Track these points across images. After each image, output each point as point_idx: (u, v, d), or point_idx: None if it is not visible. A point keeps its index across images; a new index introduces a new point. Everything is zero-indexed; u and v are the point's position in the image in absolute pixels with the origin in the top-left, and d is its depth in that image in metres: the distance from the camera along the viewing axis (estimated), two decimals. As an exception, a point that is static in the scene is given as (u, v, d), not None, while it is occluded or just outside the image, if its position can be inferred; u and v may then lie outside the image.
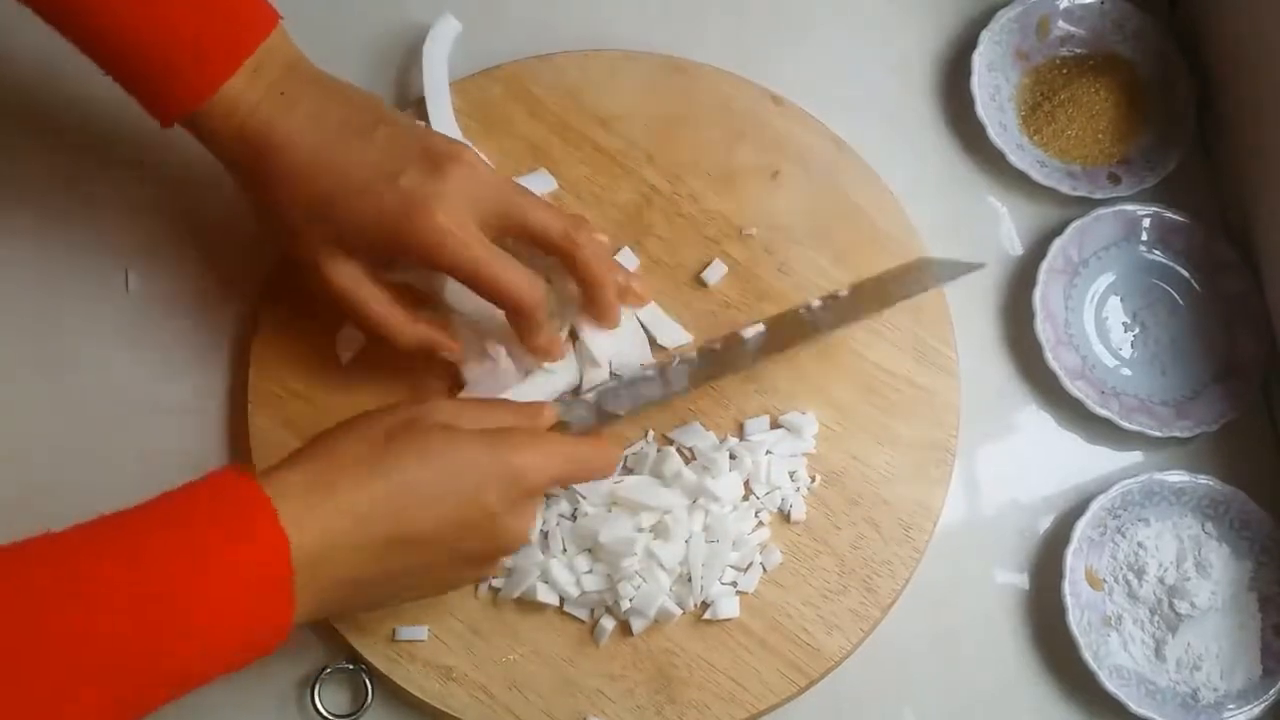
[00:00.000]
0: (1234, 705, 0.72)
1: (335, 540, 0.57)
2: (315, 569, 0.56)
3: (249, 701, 0.70)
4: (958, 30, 0.86)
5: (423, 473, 0.60)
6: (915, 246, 0.78)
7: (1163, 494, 0.75)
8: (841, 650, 0.70)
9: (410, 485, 0.59)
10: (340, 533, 0.57)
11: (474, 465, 0.61)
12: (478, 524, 0.61)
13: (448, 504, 0.60)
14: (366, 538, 0.58)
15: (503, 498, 0.61)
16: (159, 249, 0.78)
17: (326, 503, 0.57)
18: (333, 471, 0.59)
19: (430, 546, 0.60)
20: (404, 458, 0.60)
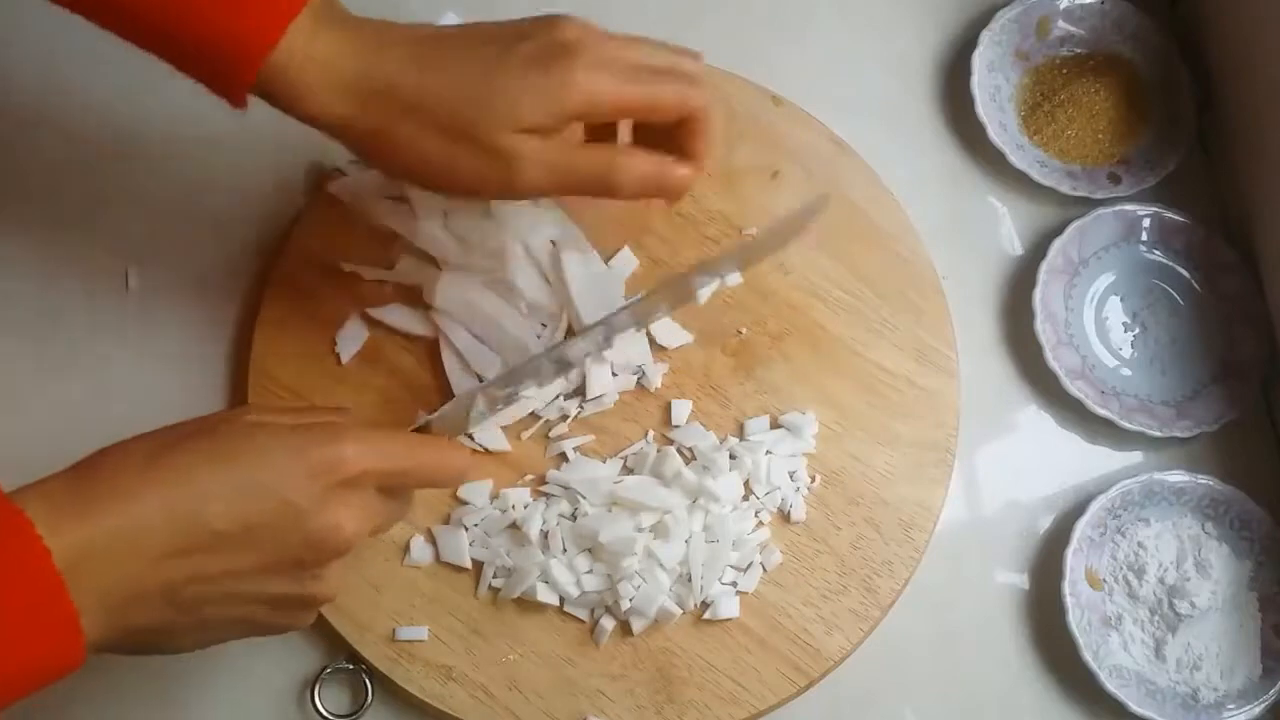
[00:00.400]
0: (1234, 705, 0.72)
1: (107, 535, 0.51)
2: (93, 571, 0.50)
3: (249, 701, 0.70)
4: (958, 30, 0.86)
5: (211, 466, 0.54)
6: (915, 246, 0.78)
7: (1163, 494, 0.75)
8: (841, 650, 0.70)
9: (197, 475, 0.53)
10: (113, 528, 0.51)
11: (271, 457, 0.55)
12: (279, 522, 0.54)
13: (241, 496, 0.53)
14: (146, 533, 0.52)
15: (307, 488, 0.54)
16: (159, 249, 0.78)
17: (94, 499, 0.51)
18: (103, 469, 0.53)
19: (229, 550, 0.54)
20: (192, 446, 0.54)
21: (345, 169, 0.78)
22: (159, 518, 0.52)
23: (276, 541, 0.55)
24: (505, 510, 0.71)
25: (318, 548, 0.56)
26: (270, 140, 0.80)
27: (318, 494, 0.55)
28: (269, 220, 0.79)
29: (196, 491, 0.53)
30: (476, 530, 0.71)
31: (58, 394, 0.75)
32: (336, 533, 0.56)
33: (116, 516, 0.52)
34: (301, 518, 0.55)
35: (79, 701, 0.70)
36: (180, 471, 0.53)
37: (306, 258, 0.76)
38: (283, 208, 0.79)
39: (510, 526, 0.71)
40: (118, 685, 0.70)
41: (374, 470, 0.57)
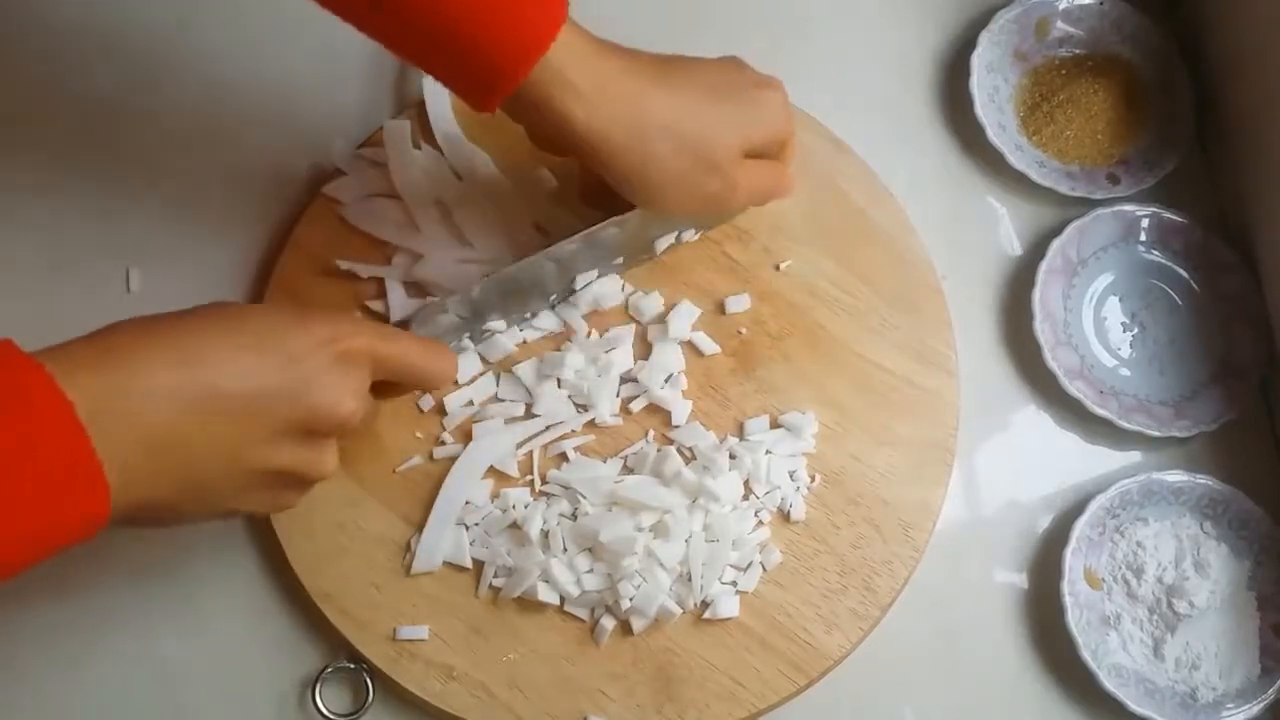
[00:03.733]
0: (1232, 704, 0.72)
1: (121, 389, 0.53)
2: (109, 424, 0.52)
3: (249, 701, 0.70)
4: (957, 31, 0.86)
5: (225, 328, 0.56)
6: (915, 246, 0.79)
7: (1161, 494, 0.75)
8: (841, 649, 0.70)
9: (210, 338, 0.56)
10: (127, 383, 0.53)
11: (280, 324, 0.58)
12: (287, 386, 0.57)
13: (252, 360, 0.56)
14: (160, 388, 0.53)
15: (315, 355, 0.57)
16: (159, 249, 0.78)
17: (108, 357, 0.53)
18: (118, 334, 0.55)
19: (239, 409, 0.56)
20: (201, 317, 0.57)
21: (344, 168, 0.78)
22: (172, 377, 0.54)
23: (283, 408, 0.57)
24: (506, 510, 0.71)
25: (322, 418, 0.58)
26: (270, 140, 0.81)
27: (322, 363, 0.58)
28: (269, 220, 0.79)
29: (207, 353, 0.55)
30: (477, 530, 0.71)
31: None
32: (340, 403, 0.58)
33: (129, 373, 0.53)
34: (307, 384, 0.57)
35: (79, 701, 0.70)
36: (188, 337, 0.55)
37: (306, 258, 0.76)
38: (283, 208, 0.79)
39: (511, 526, 0.71)
40: (117, 685, 0.70)
41: (373, 348, 0.60)
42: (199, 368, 0.55)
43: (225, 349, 0.56)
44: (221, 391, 0.55)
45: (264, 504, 0.61)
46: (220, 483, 0.58)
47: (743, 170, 0.70)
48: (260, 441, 0.57)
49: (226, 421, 0.56)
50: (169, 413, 0.54)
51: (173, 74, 0.82)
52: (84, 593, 0.71)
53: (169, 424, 0.54)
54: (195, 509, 0.59)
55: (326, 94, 0.82)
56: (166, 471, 0.55)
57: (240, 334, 0.56)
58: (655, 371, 0.74)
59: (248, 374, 0.56)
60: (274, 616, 0.71)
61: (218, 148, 0.80)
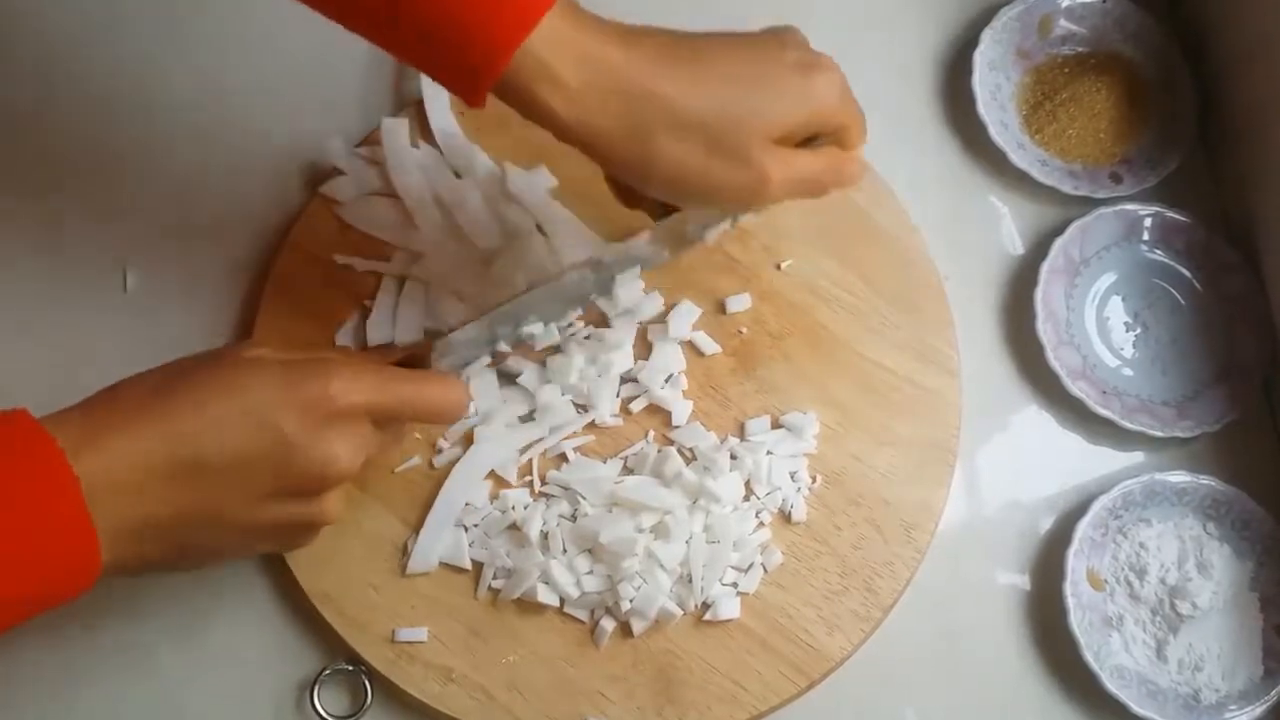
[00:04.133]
0: (1235, 706, 0.72)
1: (118, 464, 0.54)
2: (106, 500, 0.54)
3: (249, 702, 0.70)
4: (959, 29, 0.86)
5: (211, 395, 0.56)
6: (916, 246, 0.78)
7: (1164, 494, 0.75)
8: (842, 651, 0.70)
9: (196, 409, 0.56)
10: (123, 461, 0.54)
11: (266, 387, 0.57)
12: (273, 454, 0.57)
13: (236, 431, 0.56)
14: (152, 462, 0.55)
15: (301, 420, 0.57)
16: (159, 249, 0.78)
17: (106, 433, 0.55)
18: (115, 402, 0.57)
19: (226, 479, 0.56)
20: (193, 382, 0.57)
21: (342, 167, 0.78)
22: (163, 450, 0.55)
23: (272, 473, 0.57)
24: (505, 511, 0.71)
25: (315, 478, 0.58)
26: (269, 140, 0.81)
27: (311, 426, 0.57)
28: (268, 220, 0.79)
29: (195, 425, 0.56)
30: (476, 531, 0.71)
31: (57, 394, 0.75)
32: (333, 464, 0.58)
33: (127, 449, 0.55)
34: (296, 450, 0.57)
35: (78, 701, 0.70)
36: (177, 406, 0.56)
37: (306, 257, 0.76)
38: (282, 207, 0.79)
39: (510, 527, 0.70)
40: (118, 684, 0.70)
41: (365, 402, 0.59)
42: (186, 440, 0.56)
43: (210, 419, 0.56)
44: (207, 465, 0.56)
45: (267, 550, 0.65)
46: (213, 543, 0.60)
47: (775, 160, 0.63)
48: (249, 506, 0.58)
49: (214, 490, 0.57)
50: (159, 489, 0.55)
51: (171, 74, 0.82)
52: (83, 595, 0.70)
53: (159, 499, 0.56)
54: (192, 562, 0.61)
55: (325, 93, 0.82)
56: (158, 540, 0.57)
57: (228, 400, 0.57)
58: (655, 371, 0.74)
59: (233, 444, 0.56)
60: (272, 618, 0.71)
61: (215, 147, 0.80)
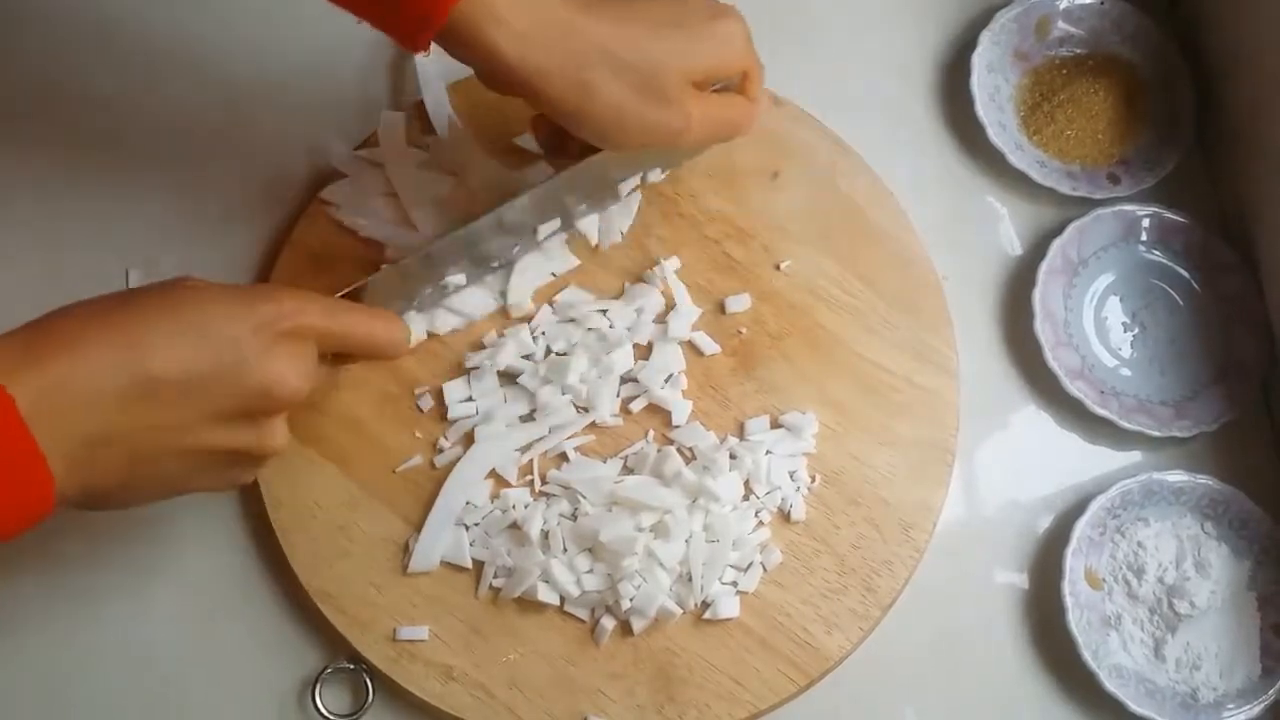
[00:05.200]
0: (1233, 705, 0.72)
1: (63, 382, 0.53)
2: (52, 419, 0.52)
3: (249, 701, 0.70)
4: (957, 31, 0.86)
5: (161, 315, 0.56)
6: (915, 246, 0.79)
7: (1162, 494, 0.75)
8: (841, 650, 0.70)
9: (147, 326, 0.55)
10: (68, 378, 0.53)
11: (217, 307, 0.57)
12: (225, 371, 0.56)
13: (189, 345, 0.56)
14: (101, 379, 0.54)
15: (252, 339, 0.57)
16: (159, 249, 0.78)
17: (47, 352, 0.53)
18: (55, 323, 0.55)
19: (178, 397, 0.56)
20: (140, 303, 0.56)
21: (342, 169, 0.78)
22: (109, 366, 0.54)
23: (223, 390, 0.57)
24: (505, 510, 0.71)
25: (264, 396, 0.58)
26: (269, 141, 0.81)
27: (261, 344, 0.57)
28: (269, 220, 0.79)
29: (143, 341, 0.55)
30: (477, 530, 0.71)
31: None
32: (281, 384, 0.58)
33: (69, 366, 0.53)
34: (246, 367, 0.57)
35: (79, 700, 0.70)
36: (127, 323, 0.55)
37: (305, 257, 0.76)
38: (281, 207, 0.79)
39: (510, 526, 0.71)
40: (120, 683, 0.70)
41: (314, 325, 0.60)
42: (135, 355, 0.55)
43: (162, 334, 0.56)
44: (158, 379, 0.55)
45: (216, 482, 0.62)
46: (166, 466, 0.58)
47: (695, 101, 0.66)
48: (202, 424, 0.57)
49: (165, 408, 0.56)
50: (109, 403, 0.54)
51: (172, 74, 0.82)
52: (82, 594, 0.71)
53: (109, 414, 0.54)
54: (144, 492, 0.59)
55: (325, 94, 0.82)
56: (110, 460, 0.55)
57: (178, 318, 0.56)
58: (655, 371, 0.74)
59: (184, 360, 0.56)
60: (274, 617, 0.71)
61: (216, 148, 0.80)
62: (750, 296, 0.77)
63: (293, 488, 0.71)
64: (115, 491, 0.57)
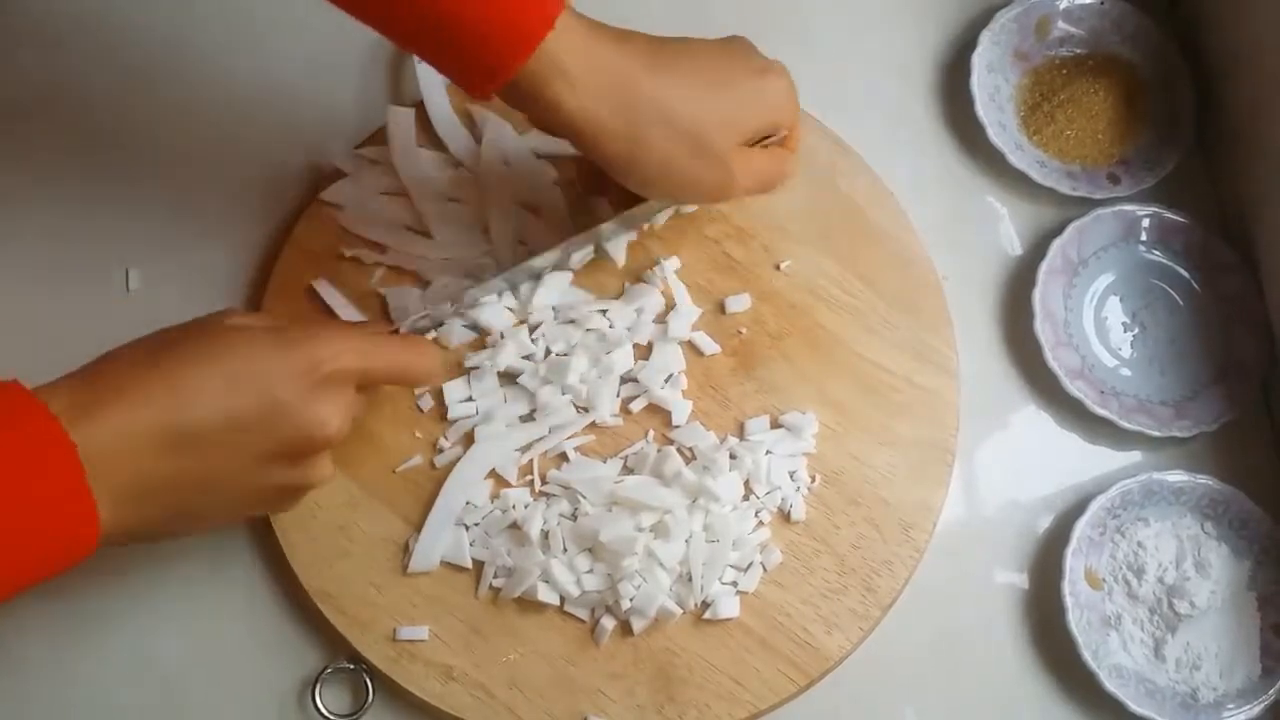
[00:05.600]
0: (1233, 705, 0.72)
1: (113, 430, 0.55)
2: (103, 468, 0.54)
3: (249, 701, 0.70)
4: (957, 31, 0.86)
5: (203, 363, 0.58)
6: (915, 246, 0.79)
7: (1162, 494, 0.75)
8: (841, 650, 0.70)
9: (190, 374, 0.57)
10: (117, 429, 0.55)
11: (257, 354, 0.59)
12: (266, 418, 0.58)
13: (231, 394, 0.57)
14: (148, 430, 0.56)
15: (292, 385, 0.59)
16: (159, 249, 0.78)
17: (98, 401, 0.55)
18: (106, 371, 0.57)
19: (221, 444, 0.58)
20: (183, 350, 0.58)
21: (343, 167, 0.78)
22: (158, 416, 0.56)
23: (266, 436, 0.59)
24: (506, 510, 0.71)
25: (307, 440, 0.60)
26: (269, 140, 0.81)
27: (302, 390, 0.59)
28: (269, 220, 0.79)
29: (187, 389, 0.57)
30: (477, 530, 0.71)
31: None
32: (322, 428, 0.60)
33: (121, 416, 0.55)
34: (288, 412, 0.58)
35: (80, 700, 0.70)
36: (172, 371, 0.57)
37: (306, 257, 0.76)
38: (282, 207, 0.79)
39: (510, 526, 0.71)
40: (118, 686, 0.70)
41: (352, 369, 0.61)
42: (179, 410, 0.56)
43: (206, 383, 0.57)
44: (202, 431, 0.57)
45: (261, 512, 0.64)
46: (210, 507, 0.60)
47: (741, 158, 0.68)
48: (245, 468, 0.59)
49: (210, 454, 0.57)
50: (156, 451, 0.56)
51: (172, 74, 0.82)
52: (83, 594, 0.71)
53: (156, 465, 0.56)
54: (185, 528, 0.62)
55: (325, 94, 0.82)
56: (155, 503, 0.57)
57: (221, 367, 0.58)
58: (655, 371, 0.74)
59: (229, 408, 0.57)
60: (274, 617, 0.71)
61: (217, 147, 0.80)
62: (750, 296, 0.77)
63: (293, 488, 0.71)
64: (155, 529, 0.59)
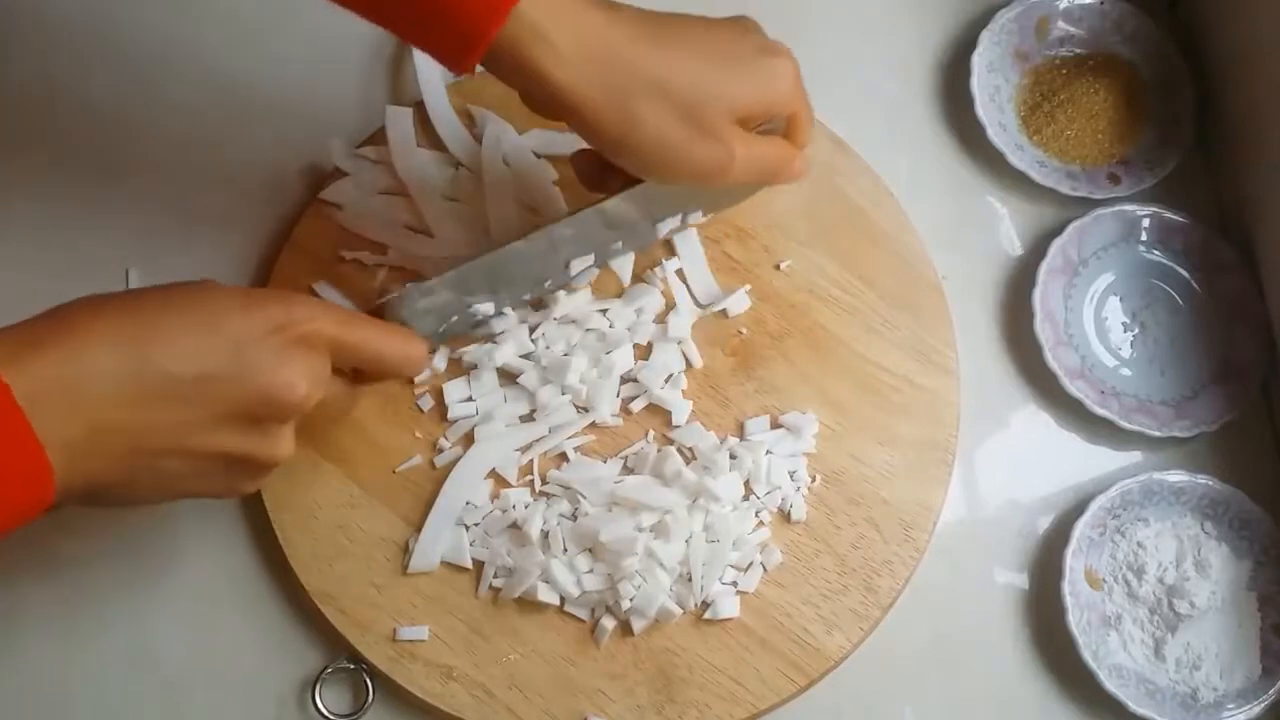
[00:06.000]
0: (1233, 705, 0.72)
1: (66, 373, 0.52)
2: (53, 408, 0.51)
3: (251, 700, 0.70)
4: (957, 31, 0.86)
5: (173, 311, 0.55)
6: (915, 246, 0.79)
7: (1162, 494, 0.75)
8: (841, 650, 0.70)
9: (156, 319, 0.55)
10: (72, 366, 0.52)
11: (230, 307, 0.56)
12: (235, 371, 0.56)
13: (198, 344, 0.55)
14: (105, 372, 0.53)
15: (264, 341, 0.56)
16: (159, 249, 0.78)
17: (52, 340, 0.52)
18: (63, 316, 0.54)
19: (185, 394, 0.55)
20: (152, 298, 0.56)
21: (343, 167, 0.78)
22: (115, 358, 0.53)
23: (231, 392, 0.56)
24: (505, 510, 0.71)
25: (272, 403, 0.57)
26: (269, 140, 0.81)
27: (273, 348, 0.56)
28: (269, 220, 0.79)
29: (152, 335, 0.54)
30: (477, 530, 0.71)
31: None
32: (290, 390, 0.57)
33: (73, 354, 0.52)
34: (255, 369, 0.56)
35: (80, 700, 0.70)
36: (137, 316, 0.54)
37: (306, 257, 0.76)
38: (282, 208, 0.79)
39: (510, 526, 0.71)
40: (121, 683, 0.70)
41: (327, 333, 0.59)
42: (145, 349, 0.54)
43: (174, 330, 0.55)
44: (167, 374, 0.54)
45: (218, 488, 0.60)
46: (169, 465, 0.57)
47: (740, 139, 0.65)
48: (208, 425, 0.56)
49: (173, 404, 0.55)
50: (113, 395, 0.53)
51: (171, 74, 0.82)
52: (83, 594, 0.71)
53: (113, 406, 0.53)
54: (146, 491, 0.58)
55: (324, 93, 0.82)
56: (113, 453, 0.54)
57: (191, 315, 0.55)
58: (655, 371, 0.74)
59: (195, 357, 0.55)
60: (274, 616, 0.71)
61: (217, 147, 0.80)
62: (750, 296, 0.77)
63: (293, 488, 0.71)
64: (115, 488, 0.56)
